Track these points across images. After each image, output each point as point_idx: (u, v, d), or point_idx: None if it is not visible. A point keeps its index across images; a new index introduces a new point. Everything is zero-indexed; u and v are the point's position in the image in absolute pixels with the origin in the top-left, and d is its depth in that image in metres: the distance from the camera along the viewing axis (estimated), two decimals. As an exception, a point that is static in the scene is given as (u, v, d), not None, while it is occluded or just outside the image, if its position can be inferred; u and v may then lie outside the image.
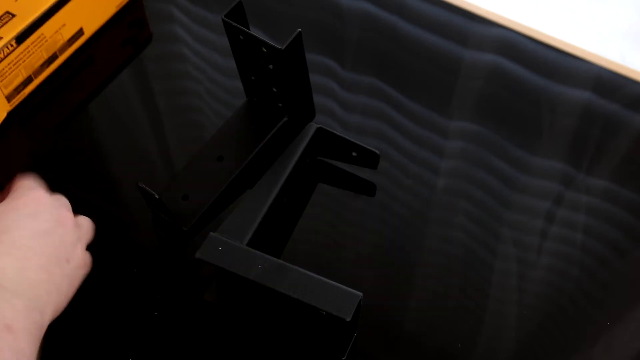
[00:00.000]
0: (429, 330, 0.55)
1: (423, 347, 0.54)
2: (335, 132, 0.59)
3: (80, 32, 0.71)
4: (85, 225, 0.51)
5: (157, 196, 0.53)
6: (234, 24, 0.54)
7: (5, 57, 0.63)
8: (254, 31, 0.54)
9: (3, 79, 0.64)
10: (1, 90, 0.64)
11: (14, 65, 0.64)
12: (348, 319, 0.45)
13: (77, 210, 0.51)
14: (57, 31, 0.67)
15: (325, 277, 0.48)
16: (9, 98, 0.66)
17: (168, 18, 0.76)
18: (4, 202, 0.47)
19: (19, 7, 0.64)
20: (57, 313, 0.45)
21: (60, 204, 0.49)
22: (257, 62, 0.56)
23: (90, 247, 0.50)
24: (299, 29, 0.52)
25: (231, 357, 0.53)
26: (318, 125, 0.59)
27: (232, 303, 0.55)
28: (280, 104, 0.60)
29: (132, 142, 0.66)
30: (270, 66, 0.55)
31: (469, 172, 0.63)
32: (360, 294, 0.47)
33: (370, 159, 0.60)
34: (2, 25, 0.63)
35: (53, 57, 0.68)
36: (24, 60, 0.65)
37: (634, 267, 0.58)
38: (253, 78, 0.60)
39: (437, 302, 0.56)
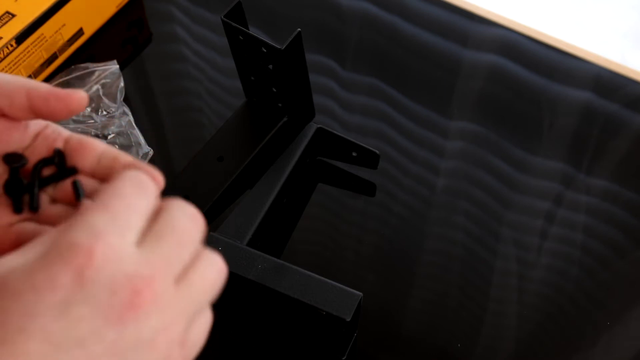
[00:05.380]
0: (429, 330, 0.55)
1: (423, 347, 0.54)
2: (335, 132, 0.59)
3: (80, 32, 0.71)
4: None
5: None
6: (233, 24, 0.54)
7: (5, 57, 0.63)
8: (254, 31, 0.54)
9: (3, 79, 0.64)
10: (1, 90, 0.64)
11: (14, 65, 0.64)
12: (348, 319, 0.45)
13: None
14: (57, 31, 0.67)
15: (325, 277, 0.48)
16: (9, 98, 0.66)
17: (168, 18, 0.76)
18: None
19: (19, 7, 0.64)
20: None
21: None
22: (256, 62, 0.56)
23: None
24: (299, 29, 0.52)
25: (231, 357, 0.53)
26: (318, 125, 0.59)
27: (232, 303, 0.55)
28: (280, 104, 0.60)
29: (132, 142, 0.66)
30: (270, 66, 0.55)
31: (469, 172, 0.63)
32: (360, 294, 0.47)
33: (370, 159, 0.60)
34: (2, 25, 0.63)
35: (53, 57, 0.68)
36: (24, 60, 0.65)
37: (634, 267, 0.58)
38: (253, 78, 0.60)
39: (437, 302, 0.56)
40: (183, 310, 0.28)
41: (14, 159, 0.33)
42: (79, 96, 0.33)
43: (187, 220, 0.30)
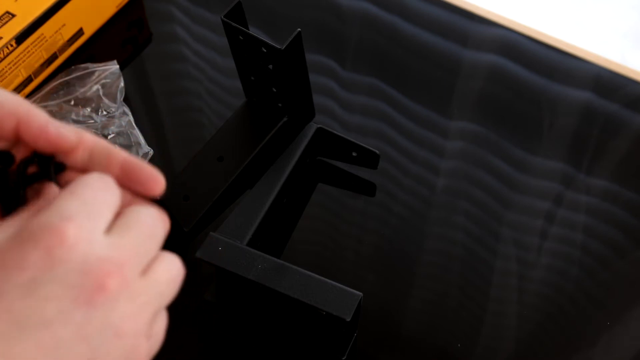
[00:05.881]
0: (429, 330, 0.55)
1: (423, 347, 0.54)
2: (335, 132, 0.59)
3: (80, 32, 0.71)
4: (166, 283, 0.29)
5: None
6: (233, 24, 0.54)
7: (5, 57, 0.63)
8: (254, 31, 0.54)
9: (3, 79, 0.64)
10: (1, 90, 0.64)
11: (14, 65, 0.64)
12: (348, 319, 0.45)
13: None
14: (57, 31, 0.67)
15: (325, 277, 0.48)
16: (9, 98, 0.66)
17: (168, 18, 0.76)
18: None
19: (19, 7, 0.65)
20: None
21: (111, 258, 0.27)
22: (256, 62, 0.56)
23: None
24: (299, 29, 0.52)
25: (231, 357, 0.53)
26: (318, 125, 0.59)
27: (232, 303, 0.55)
28: (280, 104, 0.60)
29: (132, 142, 0.66)
30: (270, 66, 0.55)
31: (469, 172, 0.63)
32: (360, 293, 0.47)
33: (370, 159, 0.60)
34: (2, 25, 0.63)
35: (53, 57, 0.68)
36: (24, 60, 0.65)
37: (634, 267, 0.58)
38: (252, 78, 0.60)
39: (437, 302, 0.56)
40: (150, 301, 0.28)
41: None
42: (71, 140, 0.31)
43: (153, 217, 0.30)
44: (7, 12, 0.64)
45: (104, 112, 0.63)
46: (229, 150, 0.61)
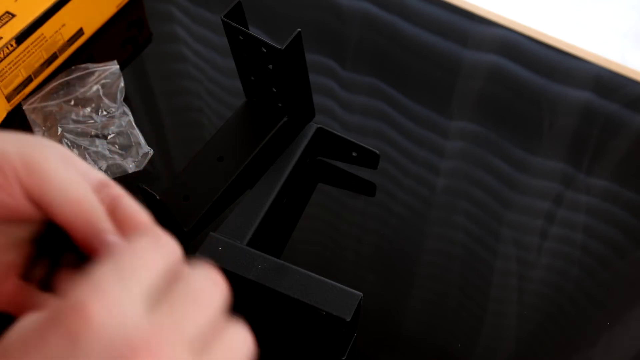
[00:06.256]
0: (429, 330, 0.55)
1: (423, 347, 0.54)
2: (335, 132, 0.59)
3: (80, 32, 0.71)
4: None
5: (158, 197, 0.53)
6: (233, 24, 0.54)
7: (5, 57, 0.63)
8: (254, 31, 0.54)
9: (3, 79, 0.64)
10: (1, 90, 0.64)
11: (14, 65, 0.64)
12: (348, 319, 0.45)
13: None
14: (57, 31, 0.67)
15: (325, 277, 0.48)
16: (9, 98, 0.66)
17: (168, 18, 0.76)
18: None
19: (19, 7, 0.65)
20: None
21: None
22: (256, 62, 0.56)
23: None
24: (299, 29, 0.52)
25: (231, 357, 0.53)
26: (318, 125, 0.59)
27: (232, 303, 0.55)
28: (280, 104, 0.60)
29: (132, 142, 0.66)
30: (270, 66, 0.55)
31: (469, 172, 0.63)
32: (360, 293, 0.47)
33: (370, 159, 0.60)
34: (2, 25, 0.63)
35: (53, 57, 0.68)
36: (24, 60, 0.65)
37: (634, 267, 0.58)
38: (252, 78, 0.60)
39: (437, 302, 0.56)
40: None
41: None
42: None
43: (207, 282, 0.27)
44: (7, 12, 0.64)
45: (104, 112, 0.63)
46: (229, 150, 0.61)
